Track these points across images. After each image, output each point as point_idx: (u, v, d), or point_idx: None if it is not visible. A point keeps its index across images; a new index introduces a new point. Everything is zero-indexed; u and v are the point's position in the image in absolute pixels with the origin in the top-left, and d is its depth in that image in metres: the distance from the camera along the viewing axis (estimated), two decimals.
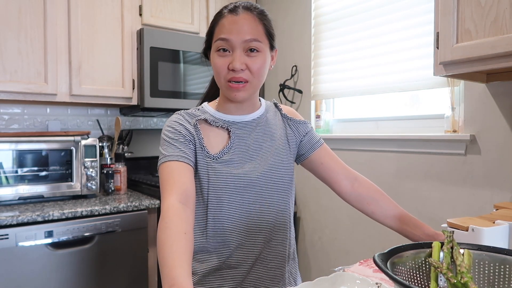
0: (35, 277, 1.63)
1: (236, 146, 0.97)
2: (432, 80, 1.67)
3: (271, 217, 0.99)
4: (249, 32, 0.92)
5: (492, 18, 1.07)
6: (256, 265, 0.98)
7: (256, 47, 0.92)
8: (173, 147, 0.91)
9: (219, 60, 0.92)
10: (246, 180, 0.95)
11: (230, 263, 0.97)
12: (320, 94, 2.26)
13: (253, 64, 0.92)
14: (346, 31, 2.09)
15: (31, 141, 1.88)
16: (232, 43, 0.91)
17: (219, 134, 0.98)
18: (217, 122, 0.99)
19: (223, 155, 0.95)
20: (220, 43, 0.92)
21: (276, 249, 1.01)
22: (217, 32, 0.93)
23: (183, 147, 0.92)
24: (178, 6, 2.32)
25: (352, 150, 2.07)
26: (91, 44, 2.04)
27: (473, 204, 1.56)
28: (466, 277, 0.61)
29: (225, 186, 0.94)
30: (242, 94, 0.93)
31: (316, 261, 2.32)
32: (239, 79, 0.91)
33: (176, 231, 0.75)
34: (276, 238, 1.01)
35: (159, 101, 2.16)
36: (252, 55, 0.92)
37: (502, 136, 1.47)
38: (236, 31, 0.91)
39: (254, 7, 0.95)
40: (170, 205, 0.80)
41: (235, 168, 0.95)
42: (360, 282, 0.76)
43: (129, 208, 1.86)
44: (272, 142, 1.02)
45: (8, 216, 1.59)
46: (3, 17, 1.81)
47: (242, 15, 0.93)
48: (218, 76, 0.94)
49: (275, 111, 1.09)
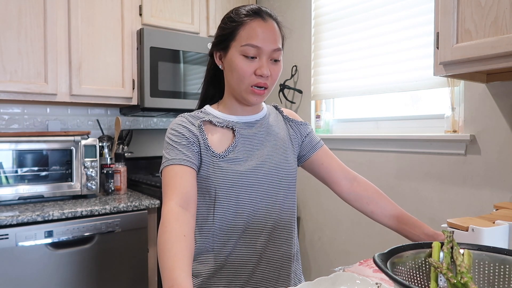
0: (35, 277, 1.63)
1: (241, 145, 0.98)
2: (432, 80, 1.67)
3: (276, 216, 1.00)
4: (277, 42, 0.95)
5: (492, 18, 1.07)
6: (261, 264, 0.98)
7: (279, 57, 0.96)
8: (176, 151, 0.91)
9: (245, 65, 0.93)
10: (252, 178, 0.96)
11: (235, 262, 0.96)
12: (320, 94, 2.26)
13: (275, 72, 0.97)
14: (346, 31, 2.09)
15: (31, 141, 1.88)
16: (262, 50, 0.93)
17: (224, 134, 0.99)
18: (222, 123, 0.99)
19: (228, 153, 0.96)
20: (250, 49, 0.92)
21: (281, 248, 1.00)
22: (245, 36, 0.92)
23: (186, 150, 0.92)
24: (178, 6, 2.32)
25: (352, 150, 2.07)
26: (91, 44, 2.04)
27: (473, 204, 1.56)
28: (466, 277, 0.61)
29: (231, 183, 0.94)
30: (261, 99, 0.97)
31: (316, 261, 2.32)
32: (264, 85, 0.94)
33: (175, 234, 0.76)
34: (281, 237, 1.01)
35: (159, 101, 2.16)
36: (275, 63, 0.96)
37: (502, 136, 1.47)
38: (268, 39, 0.93)
39: (274, 14, 0.97)
40: (170, 209, 0.81)
41: (241, 166, 0.95)
42: (360, 282, 0.76)
43: (129, 208, 1.86)
44: (276, 142, 1.03)
45: (8, 216, 1.59)
46: (3, 17, 1.81)
47: (270, 23, 0.95)
48: (241, 80, 0.94)
49: (276, 113, 1.11)
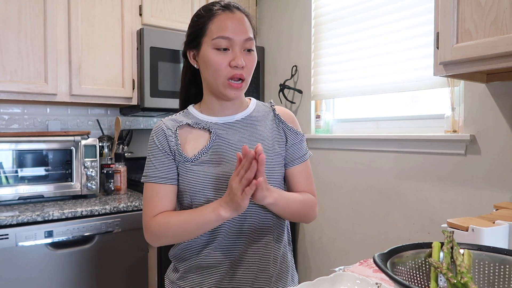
0: (35, 277, 1.63)
1: (217, 146, 0.97)
2: (432, 80, 1.67)
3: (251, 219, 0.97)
4: (248, 31, 0.94)
5: (492, 18, 1.07)
6: (235, 266, 0.96)
7: (251, 46, 0.95)
8: (152, 167, 0.97)
9: (219, 58, 0.92)
10: (222, 179, 0.94)
11: (208, 263, 0.97)
12: (320, 94, 2.26)
13: (250, 62, 0.95)
14: (346, 31, 2.09)
15: (31, 141, 1.88)
16: (234, 41, 0.92)
17: (200, 136, 0.99)
18: (200, 124, 0.99)
19: (201, 156, 0.96)
20: (221, 41, 0.92)
21: (257, 252, 0.98)
22: (215, 30, 0.92)
23: (161, 165, 0.97)
24: (178, 6, 2.32)
25: (352, 150, 2.07)
26: (91, 44, 2.04)
27: (473, 204, 1.56)
28: (466, 277, 0.61)
29: (201, 185, 0.94)
30: (240, 92, 0.96)
31: (316, 261, 2.32)
32: (240, 76, 0.93)
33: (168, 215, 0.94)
34: (257, 240, 0.98)
35: (159, 101, 2.16)
36: (249, 53, 0.95)
37: (502, 136, 1.47)
38: (238, 30, 0.92)
39: (243, 8, 0.98)
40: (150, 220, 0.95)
41: (213, 168, 0.95)
42: (360, 282, 0.76)
43: (129, 208, 1.86)
44: (257, 142, 0.99)
45: (8, 216, 1.59)
46: (3, 17, 1.81)
47: (238, 14, 0.95)
48: (217, 73, 0.93)
49: (267, 111, 1.06)
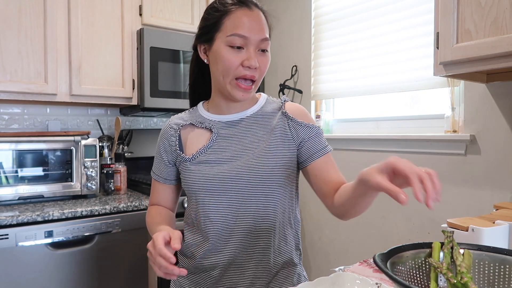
0: (35, 277, 1.63)
1: (217, 146, 0.94)
2: (432, 80, 1.67)
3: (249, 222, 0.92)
4: (265, 31, 0.89)
5: (492, 18, 1.07)
6: (231, 269, 0.94)
7: (267, 47, 0.91)
8: (157, 165, 1.04)
9: (232, 56, 0.87)
10: (218, 179, 0.91)
11: (203, 265, 0.96)
12: (320, 94, 2.26)
13: (264, 63, 0.90)
14: (346, 31, 2.09)
15: (31, 141, 1.87)
16: (249, 40, 0.87)
17: (202, 136, 0.97)
18: (203, 124, 0.98)
19: (199, 155, 0.94)
20: (236, 39, 0.86)
21: (254, 256, 0.93)
22: (230, 26, 0.87)
23: (162, 166, 1.02)
24: (178, 6, 2.32)
25: (352, 150, 2.07)
26: (91, 44, 2.04)
27: (473, 204, 1.56)
28: (466, 277, 0.61)
29: (197, 185, 0.93)
30: (248, 95, 0.91)
31: (316, 261, 2.32)
32: (252, 78, 0.88)
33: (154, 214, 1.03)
34: (255, 244, 0.93)
35: (159, 101, 2.16)
36: (263, 54, 0.90)
37: (502, 136, 1.47)
38: (255, 28, 0.87)
39: (260, 4, 0.92)
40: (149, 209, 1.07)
41: (210, 167, 0.92)
42: (360, 282, 0.76)
43: (129, 208, 1.86)
44: (261, 143, 0.93)
45: (8, 216, 1.58)
46: (3, 17, 1.81)
47: (256, 11, 0.90)
48: (227, 71, 0.88)
49: (277, 108, 0.99)
